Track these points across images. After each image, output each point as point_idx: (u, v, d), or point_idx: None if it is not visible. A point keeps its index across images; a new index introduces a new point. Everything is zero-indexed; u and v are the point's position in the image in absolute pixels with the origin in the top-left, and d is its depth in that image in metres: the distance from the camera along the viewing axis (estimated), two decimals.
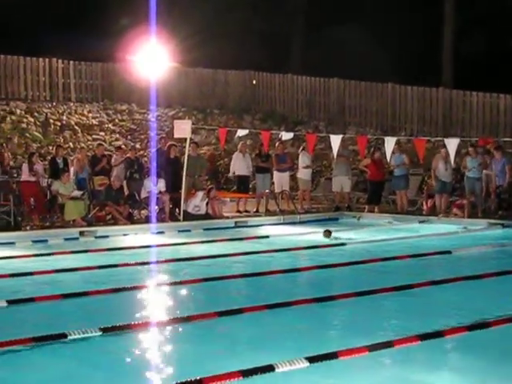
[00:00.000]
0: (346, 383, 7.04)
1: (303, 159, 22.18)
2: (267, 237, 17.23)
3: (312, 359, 7.21)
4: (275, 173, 22.25)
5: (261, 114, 31.43)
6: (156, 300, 10.80)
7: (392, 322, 9.42)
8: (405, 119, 29.09)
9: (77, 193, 18.55)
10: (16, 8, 32.43)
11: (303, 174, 22.25)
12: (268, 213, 21.21)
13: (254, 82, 32.47)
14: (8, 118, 26.60)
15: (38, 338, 8.06)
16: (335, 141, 20.43)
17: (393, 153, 20.33)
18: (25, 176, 19.01)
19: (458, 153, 20.09)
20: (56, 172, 19.33)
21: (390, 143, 19.95)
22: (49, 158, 23.66)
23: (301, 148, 22.52)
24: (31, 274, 12.17)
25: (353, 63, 30.32)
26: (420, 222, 19.77)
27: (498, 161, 20.00)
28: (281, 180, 22.08)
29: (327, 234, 16.69)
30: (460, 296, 10.87)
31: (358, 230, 18.82)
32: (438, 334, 8.34)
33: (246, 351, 7.95)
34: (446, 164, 20.25)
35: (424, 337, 8.16)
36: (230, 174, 23.14)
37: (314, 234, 17.51)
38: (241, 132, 21.90)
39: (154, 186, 18.98)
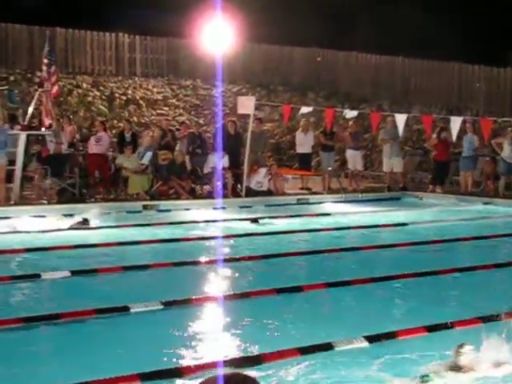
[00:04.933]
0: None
1: None
2: (329, 214, 17.22)
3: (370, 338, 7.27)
4: (348, 151, 22.22)
5: (325, 92, 31.27)
6: (215, 274, 10.85)
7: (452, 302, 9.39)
8: (471, 99, 28.71)
9: (141, 165, 18.75)
10: None
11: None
12: (330, 191, 21.16)
13: (319, 59, 32.32)
14: (74, 92, 26.91)
15: (100, 309, 8.19)
16: (400, 120, 20.25)
17: (465, 133, 20.07)
18: (91, 147, 19.27)
19: None
20: (122, 146, 19.55)
21: (455, 123, 19.70)
22: (114, 131, 23.96)
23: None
24: (95, 245, 12.37)
25: (419, 41, 29.94)
26: (484, 203, 19.53)
27: None
28: (354, 158, 22.04)
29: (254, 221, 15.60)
30: None
31: (421, 210, 18.69)
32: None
33: (301, 328, 7.97)
34: None
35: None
36: None
37: (375, 213, 17.49)
38: (304, 109, 21.78)
39: (217, 161, 19.05)
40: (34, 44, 27.13)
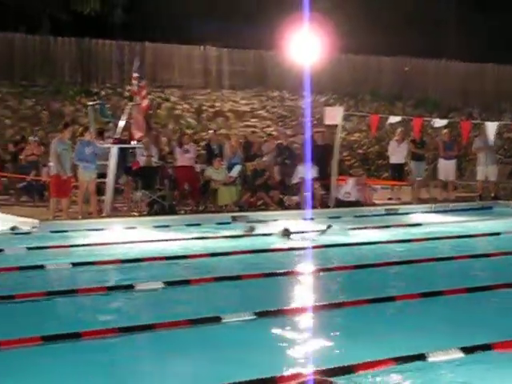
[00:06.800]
0: None
1: None
2: (419, 224, 17.01)
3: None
4: (440, 160, 21.90)
5: (413, 101, 30.99)
6: (307, 285, 10.83)
7: None
8: None
9: (229, 177, 18.88)
10: None
11: None
12: (419, 201, 20.91)
13: (407, 68, 32.04)
14: (163, 105, 27.27)
15: (192, 320, 8.25)
16: (491, 128, 19.90)
17: None
18: (178, 159, 19.50)
19: None
20: (210, 158, 19.73)
21: None
22: (202, 144, 24.18)
23: None
24: (185, 257, 12.47)
25: (509, 48, 29.45)
26: None
27: None
28: (446, 168, 21.72)
29: (285, 232, 14.86)
30: None
31: None
32: None
33: (394, 339, 7.89)
34: None
35: None
36: None
37: (466, 223, 17.21)
38: (392, 119, 21.60)
39: (306, 172, 19.04)
40: (124, 59, 27.63)
